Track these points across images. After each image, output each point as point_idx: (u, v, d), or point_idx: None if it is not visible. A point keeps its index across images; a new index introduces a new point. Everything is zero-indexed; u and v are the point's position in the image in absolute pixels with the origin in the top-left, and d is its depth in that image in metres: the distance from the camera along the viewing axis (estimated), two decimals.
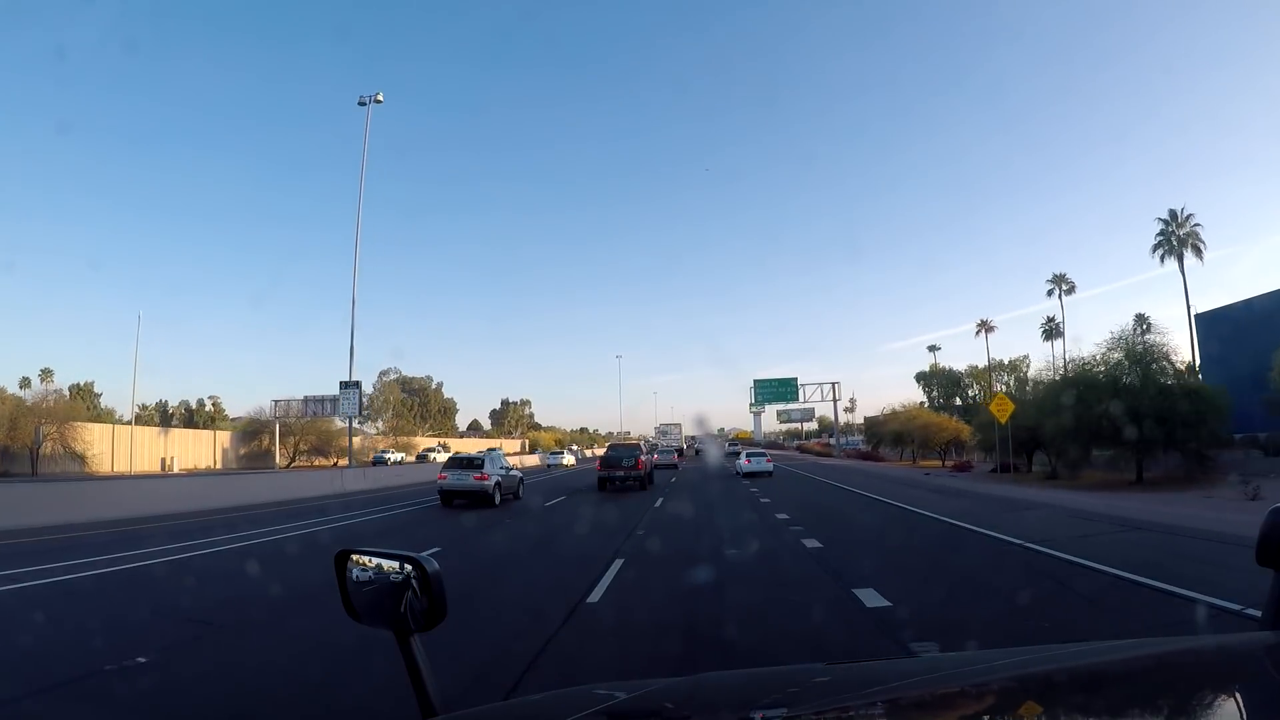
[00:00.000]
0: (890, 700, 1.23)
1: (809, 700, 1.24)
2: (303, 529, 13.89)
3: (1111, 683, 1.31)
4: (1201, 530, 10.97)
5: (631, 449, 25.89)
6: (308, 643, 5.52)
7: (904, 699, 1.24)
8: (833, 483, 27.23)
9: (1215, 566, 7.92)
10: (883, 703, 1.23)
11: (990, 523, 12.72)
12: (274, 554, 10.81)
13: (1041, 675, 1.35)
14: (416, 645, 1.34)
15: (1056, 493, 20.28)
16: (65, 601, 7.21)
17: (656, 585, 7.79)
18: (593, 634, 5.73)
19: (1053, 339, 61.01)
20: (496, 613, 6.41)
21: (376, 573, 1.45)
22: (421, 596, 1.35)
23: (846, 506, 17.97)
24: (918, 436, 44.86)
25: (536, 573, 8.97)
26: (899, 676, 1.42)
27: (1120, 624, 5.71)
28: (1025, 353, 67.73)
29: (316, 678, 4.68)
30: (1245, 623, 4.81)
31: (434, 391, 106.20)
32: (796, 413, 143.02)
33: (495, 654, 5.04)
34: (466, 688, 4.17)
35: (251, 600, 7.35)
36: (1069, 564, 8.25)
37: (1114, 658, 1.50)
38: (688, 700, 1.29)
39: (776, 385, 53.65)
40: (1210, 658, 1.45)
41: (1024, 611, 6.29)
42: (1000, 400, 22.63)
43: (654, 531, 12.57)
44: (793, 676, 1.46)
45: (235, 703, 4.31)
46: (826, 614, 6.15)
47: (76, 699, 4.34)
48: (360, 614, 1.49)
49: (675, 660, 4.77)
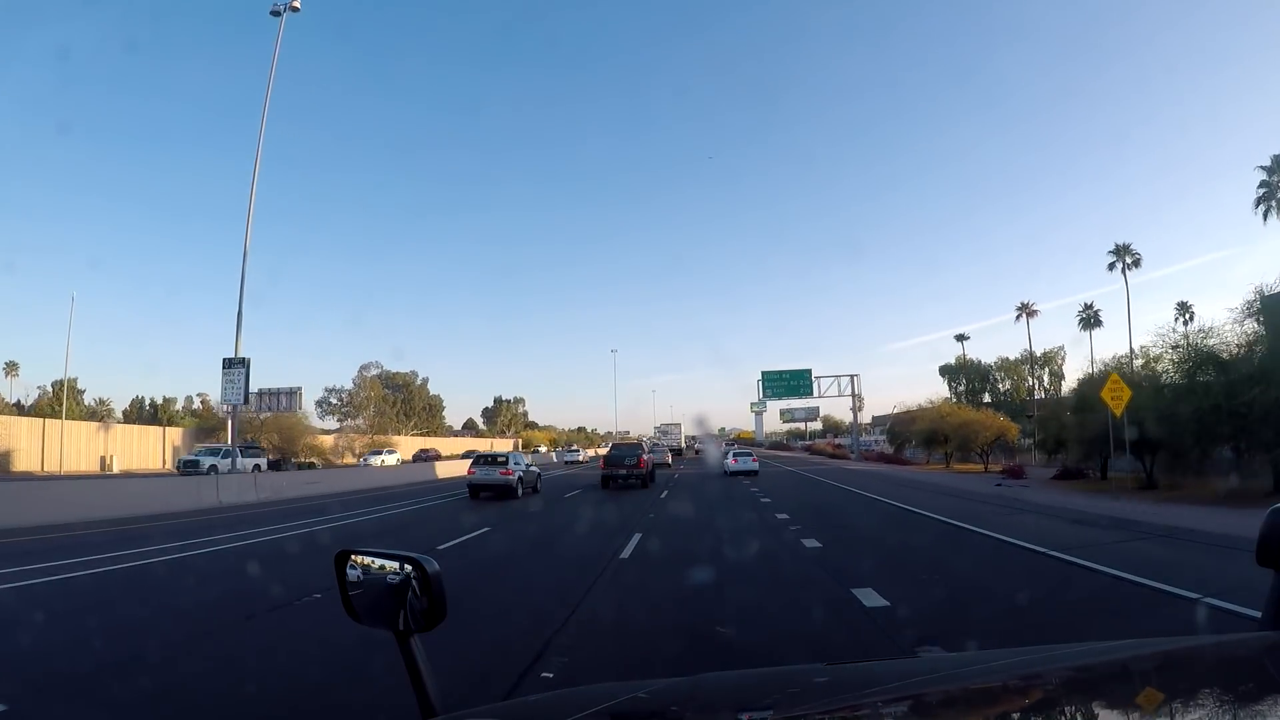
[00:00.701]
0: (890, 700, 1.23)
1: (809, 700, 1.25)
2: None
3: (1111, 683, 1.32)
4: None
5: (633, 448, 26.76)
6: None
7: (904, 699, 1.24)
8: (878, 497, 21.43)
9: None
10: (882, 703, 1.23)
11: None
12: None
13: (1041, 675, 1.36)
14: (416, 645, 1.35)
15: (1197, 511, 14.60)
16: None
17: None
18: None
19: (1090, 328, 55.51)
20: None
21: (376, 573, 1.47)
22: (421, 596, 1.36)
23: (929, 544, 12.58)
24: (954, 436, 38.66)
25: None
26: (899, 677, 1.42)
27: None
28: (1060, 344, 61.87)
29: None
30: (1245, 623, 4.68)
31: (419, 387, 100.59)
32: (801, 411, 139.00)
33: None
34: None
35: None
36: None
37: (1114, 658, 1.50)
38: (688, 700, 1.30)
39: (788, 378, 47.23)
40: (1210, 658, 1.45)
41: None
42: (1115, 385, 16.92)
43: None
44: (793, 676, 1.49)
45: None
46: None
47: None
48: (360, 614, 1.50)
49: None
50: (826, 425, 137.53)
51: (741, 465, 32.59)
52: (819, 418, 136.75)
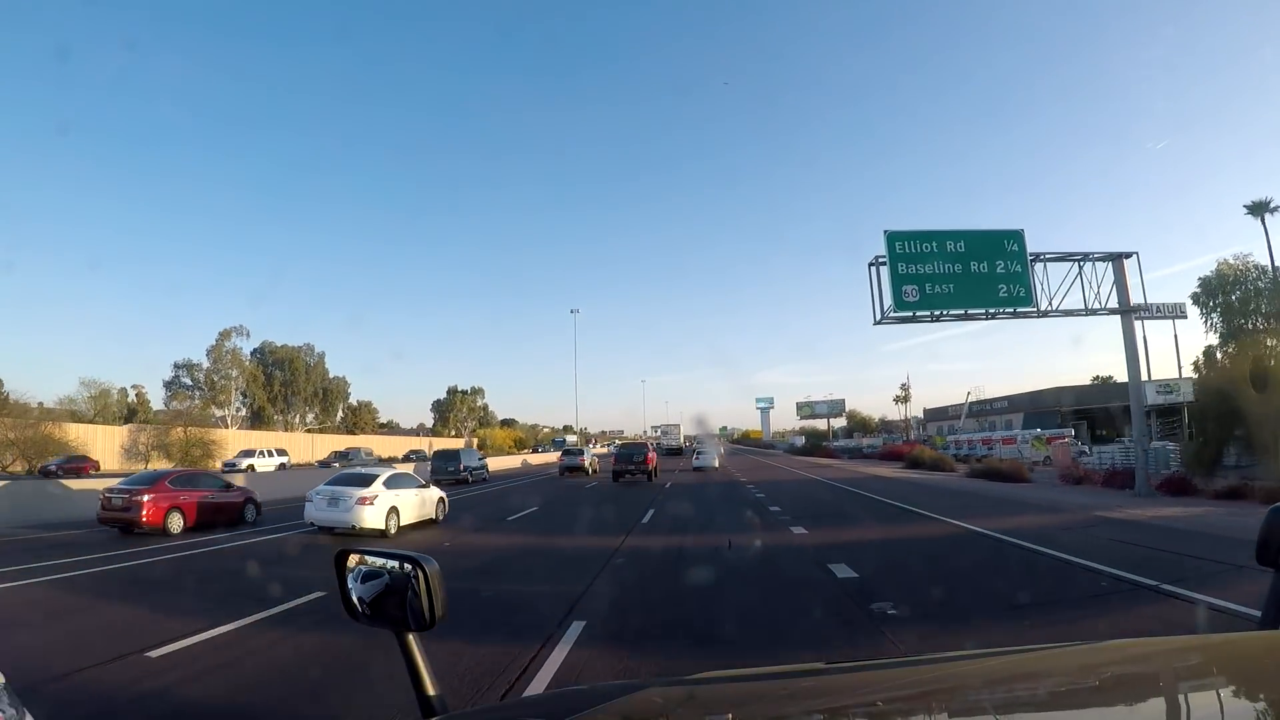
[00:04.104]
0: (889, 700, 1.23)
1: (808, 700, 1.25)
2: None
3: (1111, 682, 1.31)
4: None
5: (640, 447, 31.91)
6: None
7: (902, 699, 1.24)
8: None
9: None
10: (881, 702, 1.24)
11: None
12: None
13: (1040, 675, 1.36)
14: (416, 645, 1.36)
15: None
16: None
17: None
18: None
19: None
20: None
21: (376, 572, 1.47)
22: (421, 596, 1.36)
23: None
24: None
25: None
26: (897, 677, 1.41)
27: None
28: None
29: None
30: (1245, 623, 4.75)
31: (313, 366, 72.01)
32: (823, 405, 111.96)
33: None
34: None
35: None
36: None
37: (1113, 658, 1.47)
38: (687, 700, 1.30)
39: (978, 242, 17.90)
40: (1210, 657, 1.43)
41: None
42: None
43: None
44: (792, 676, 1.44)
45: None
46: None
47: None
48: (360, 614, 1.48)
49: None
50: (853, 422, 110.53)
51: (703, 462, 38.44)
52: (844, 412, 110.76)
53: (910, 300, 17.61)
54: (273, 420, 68.07)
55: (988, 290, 17.90)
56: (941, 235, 18.07)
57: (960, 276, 17.76)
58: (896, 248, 17.85)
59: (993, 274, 17.88)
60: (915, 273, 17.70)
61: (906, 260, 17.82)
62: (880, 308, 17.96)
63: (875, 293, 18.11)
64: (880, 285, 17.95)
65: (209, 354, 62.98)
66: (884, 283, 17.89)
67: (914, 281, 17.60)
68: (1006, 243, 18.17)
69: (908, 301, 17.64)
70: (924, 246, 17.86)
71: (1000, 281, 17.89)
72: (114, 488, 13.66)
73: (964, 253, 17.93)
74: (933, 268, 17.73)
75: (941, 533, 12.49)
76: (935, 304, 17.85)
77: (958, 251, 17.91)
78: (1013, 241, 18.17)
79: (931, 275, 17.72)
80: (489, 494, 24.69)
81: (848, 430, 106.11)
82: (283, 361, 69.24)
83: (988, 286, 17.89)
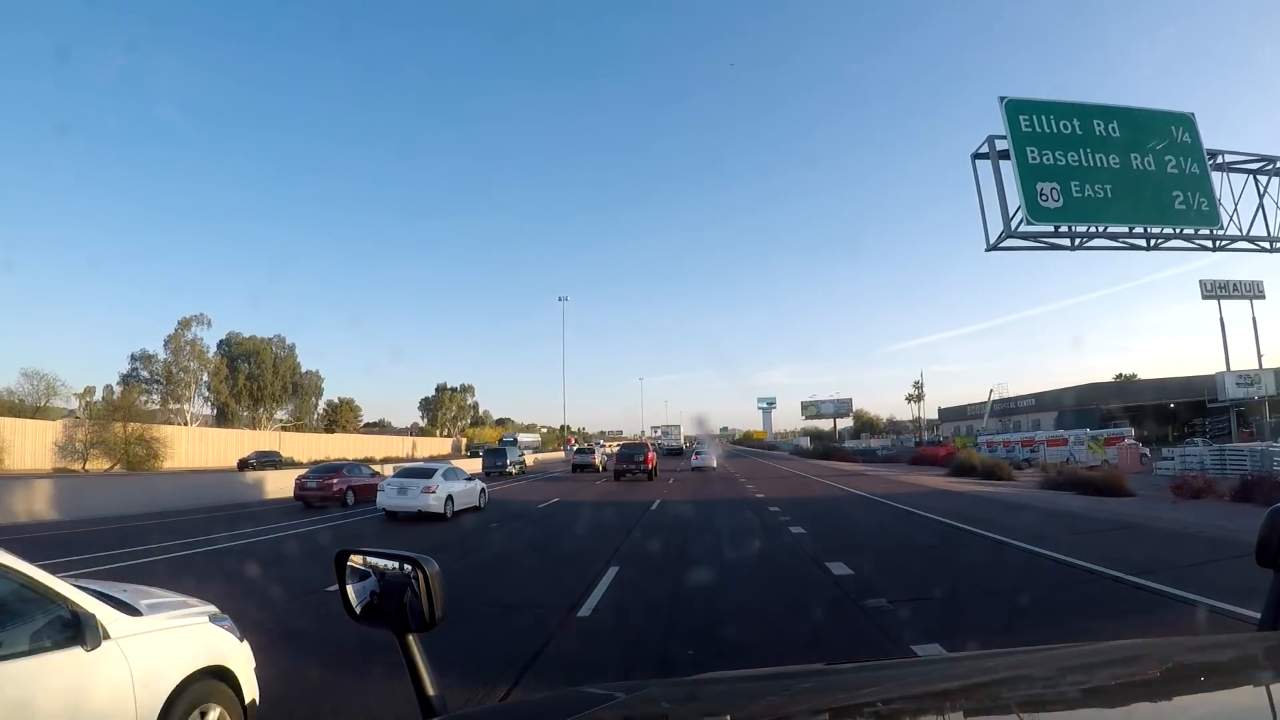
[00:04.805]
0: (889, 700, 1.22)
1: (808, 700, 1.24)
2: None
3: (1111, 683, 1.29)
4: None
5: (640, 447, 32.98)
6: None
7: (902, 699, 1.23)
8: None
9: None
10: (881, 702, 1.22)
11: None
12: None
13: (1041, 675, 1.34)
14: (416, 645, 1.34)
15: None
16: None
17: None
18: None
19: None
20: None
21: (376, 573, 1.45)
22: (421, 596, 1.34)
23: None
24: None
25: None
26: (897, 677, 1.41)
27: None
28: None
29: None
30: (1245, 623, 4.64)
31: (283, 359, 66.20)
32: (829, 405, 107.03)
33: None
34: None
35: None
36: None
37: (1113, 658, 1.47)
38: (687, 700, 1.29)
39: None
40: (1210, 658, 1.43)
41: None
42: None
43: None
44: (792, 676, 1.45)
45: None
46: None
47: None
48: (360, 614, 1.47)
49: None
50: (860, 421, 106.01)
51: (701, 462, 39.16)
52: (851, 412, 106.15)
53: (1050, 206, 12.11)
54: (239, 417, 62.42)
55: (1158, 197, 12.33)
56: (1086, 110, 12.53)
57: (1118, 173, 12.37)
58: (1022, 124, 12.24)
59: (1162, 173, 12.40)
60: (1054, 164, 12.16)
61: (1040, 144, 12.20)
62: (1001, 220, 12.44)
63: (984, 200, 12.61)
64: (997, 186, 12.42)
65: (167, 344, 57.24)
66: (1004, 182, 12.40)
67: (1053, 178, 12.09)
68: (1176, 129, 12.67)
69: (1046, 208, 12.12)
70: (1063, 125, 12.43)
71: (1174, 186, 12.35)
72: (305, 474, 19.38)
73: (1119, 139, 12.41)
74: (1078, 158, 12.22)
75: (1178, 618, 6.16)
76: (1088, 213, 12.29)
77: (1110, 136, 12.41)
78: (1183, 130, 12.64)
79: (1078, 168, 12.20)
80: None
81: (854, 431, 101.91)
82: (249, 354, 63.50)
83: (1158, 192, 12.34)
